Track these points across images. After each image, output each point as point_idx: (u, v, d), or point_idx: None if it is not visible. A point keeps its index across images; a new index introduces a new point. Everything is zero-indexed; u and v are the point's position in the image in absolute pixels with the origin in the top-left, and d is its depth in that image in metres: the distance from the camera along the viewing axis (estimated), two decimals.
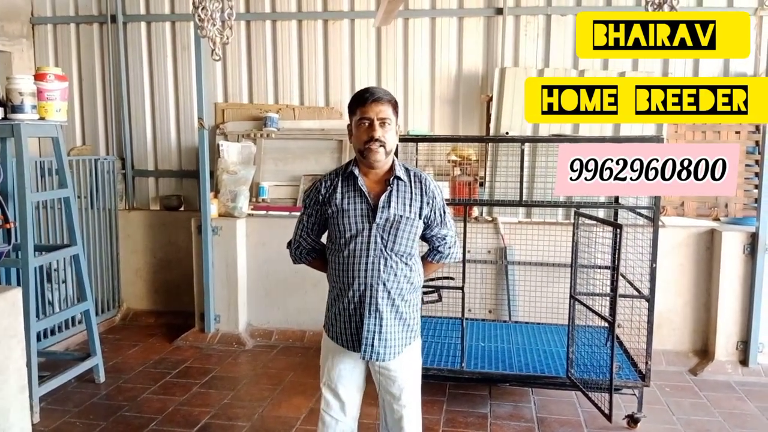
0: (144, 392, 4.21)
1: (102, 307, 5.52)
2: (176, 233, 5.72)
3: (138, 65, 5.93)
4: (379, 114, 2.32)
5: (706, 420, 3.86)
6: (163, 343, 5.21)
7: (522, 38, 5.38)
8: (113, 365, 4.66)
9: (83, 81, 6.06)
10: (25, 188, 3.75)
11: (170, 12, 5.84)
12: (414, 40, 5.54)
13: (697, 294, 4.78)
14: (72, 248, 4.21)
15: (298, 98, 5.75)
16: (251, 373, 4.58)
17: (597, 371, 3.68)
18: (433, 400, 4.03)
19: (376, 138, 2.31)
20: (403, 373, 2.48)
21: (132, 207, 6.03)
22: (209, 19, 3.17)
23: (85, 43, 6.01)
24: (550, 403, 4.06)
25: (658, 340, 4.33)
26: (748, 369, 4.53)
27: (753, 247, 4.48)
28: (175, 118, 5.97)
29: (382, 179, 2.42)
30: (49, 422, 3.76)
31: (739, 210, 4.92)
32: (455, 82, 5.52)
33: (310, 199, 2.49)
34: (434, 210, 2.47)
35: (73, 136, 6.06)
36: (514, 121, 5.04)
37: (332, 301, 2.50)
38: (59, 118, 3.92)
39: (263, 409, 3.96)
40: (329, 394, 2.53)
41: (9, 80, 3.68)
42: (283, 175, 5.53)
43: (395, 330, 2.41)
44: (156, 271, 5.87)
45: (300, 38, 5.70)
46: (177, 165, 6.01)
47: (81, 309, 4.34)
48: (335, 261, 2.43)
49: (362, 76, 5.61)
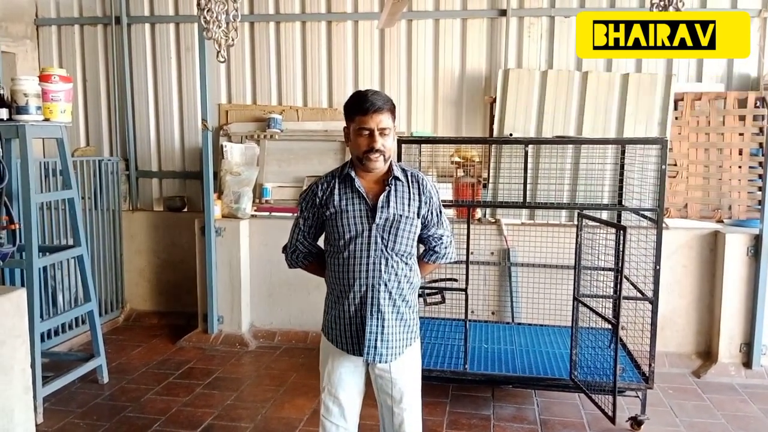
0: (147, 393, 4.22)
1: (105, 308, 5.53)
2: (179, 234, 5.73)
3: (142, 66, 5.95)
4: (379, 124, 2.31)
5: (709, 422, 3.85)
6: (166, 344, 5.21)
7: (525, 40, 5.38)
8: (117, 366, 4.67)
9: (87, 82, 6.08)
10: (29, 189, 3.76)
11: (174, 13, 5.85)
12: (417, 41, 5.54)
13: (700, 296, 4.77)
14: (76, 249, 4.22)
15: (301, 99, 5.76)
16: (254, 374, 4.58)
17: (600, 373, 3.68)
18: (436, 401, 4.03)
19: (377, 149, 2.32)
20: (404, 375, 2.47)
21: (135, 208, 6.05)
22: (215, 21, 3.17)
23: (89, 44, 6.03)
24: (553, 405, 4.06)
25: (660, 341, 4.32)
26: (752, 371, 4.51)
27: (756, 249, 4.47)
28: (178, 119, 5.98)
29: (380, 180, 2.42)
30: (53, 423, 3.76)
31: (742, 212, 4.92)
32: (458, 84, 5.53)
33: (307, 202, 2.47)
34: (431, 210, 2.47)
35: (77, 137, 6.08)
36: (517, 122, 5.04)
37: (331, 304, 2.48)
38: (64, 119, 3.93)
39: (266, 410, 3.97)
40: (329, 400, 2.50)
41: (14, 81, 3.69)
42: (286, 177, 5.53)
43: (396, 331, 2.41)
44: (159, 272, 5.88)
45: (303, 40, 5.71)
46: (180, 166, 6.02)
47: (85, 310, 4.35)
48: (335, 263, 2.42)
49: (365, 78, 5.61)
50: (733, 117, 4.93)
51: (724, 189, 4.95)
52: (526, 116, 5.06)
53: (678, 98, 4.99)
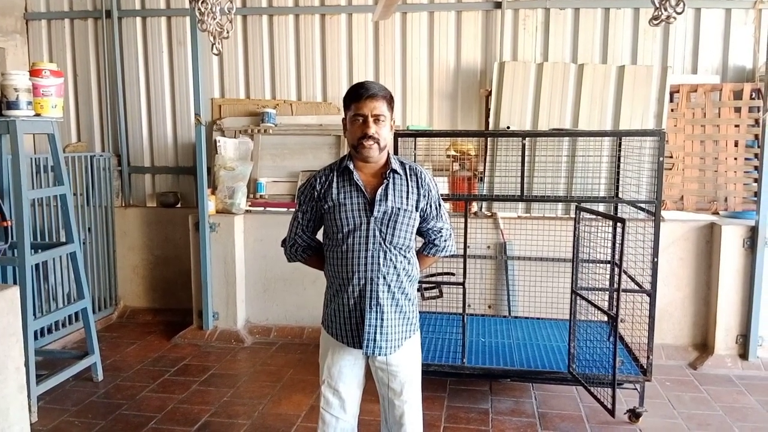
0: (143, 390, 4.18)
1: (99, 305, 5.49)
2: (173, 230, 5.68)
3: (133, 61, 5.88)
4: (373, 110, 2.30)
5: (707, 414, 3.86)
6: (161, 340, 5.17)
7: (521, 32, 5.35)
8: (111, 363, 4.63)
9: (78, 77, 6.01)
10: (21, 186, 3.71)
11: (165, 7, 5.79)
12: (412, 34, 5.51)
13: (696, 288, 4.77)
14: (69, 246, 4.17)
15: (295, 93, 5.71)
16: (251, 371, 4.55)
17: (598, 366, 3.67)
18: (434, 396, 4.01)
19: (370, 135, 2.30)
20: (404, 367, 2.46)
21: (128, 204, 6.00)
22: (209, 13, 3.13)
23: (80, 38, 5.96)
24: (551, 398, 4.05)
25: (657, 334, 4.33)
26: (748, 363, 4.53)
27: (753, 241, 4.48)
28: (171, 114, 5.93)
29: (378, 173, 2.40)
30: (47, 421, 3.72)
31: (738, 204, 4.92)
32: (454, 77, 5.50)
33: (305, 195, 2.47)
34: (430, 203, 2.46)
35: (68, 133, 6.02)
36: (513, 115, 5.02)
37: (331, 297, 2.47)
38: (55, 115, 3.87)
39: (263, 407, 3.94)
40: (329, 392, 2.50)
41: (4, 76, 3.64)
42: (280, 171, 5.49)
43: (396, 324, 2.40)
44: (153, 268, 5.84)
45: (297, 33, 5.66)
46: (173, 161, 5.97)
47: (78, 307, 4.30)
48: (333, 256, 2.41)
49: (360, 71, 5.57)
50: (729, 108, 4.92)
51: (720, 181, 4.95)
52: (522, 109, 5.04)
53: (674, 90, 4.98)
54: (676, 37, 5.20)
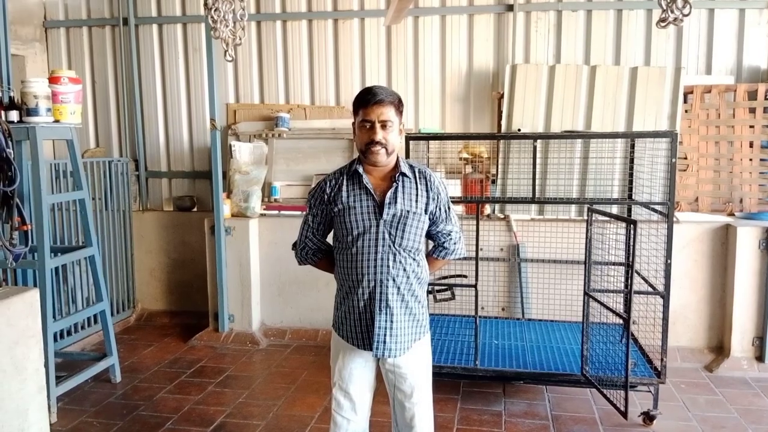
0: (160, 392, 4.24)
1: (117, 308, 5.57)
2: (189, 234, 5.75)
3: (150, 67, 5.98)
4: (380, 116, 2.32)
5: (722, 417, 3.83)
6: (177, 342, 5.24)
7: (533, 34, 5.36)
8: (129, 365, 4.71)
9: (96, 83, 6.12)
10: (41, 190, 3.79)
11: (181, 14, 5.87)
12: (424, 38, 5.54)
13: (712, 290, 4.74)
14: (87, 249, 4.25)
15: (308, 98, 5.76)
16: (265, 372, 4.60)
17: (612, 368, 3.66)
18: (446, 398, 4.03)
19: (377, 141, 2.33)
20: (414, 370, 2.47)
21: (145, 208, 6.08)
22: (222, 20, 3.18)
23: (98, 45, 6.06)
24: (564, 401, 4.05)
25: (672, 336, 4.31)
26: (764, 365, 4.48)
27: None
28: (187, 119, 6.01)
29: (387, 176, 2.42)
30: (67, 422, 3.80)
31: (753, 205, 4.88)
32: (466, 80, 5.51)
33: (315, 198, 2.49)
34: (439, 206, 2.47)
35: (86, 139, 6.12)
36: (525, 117, 5.02)
37: (341, 299, 2.50)
38: (73, 121, 3.95)
39: (278, 408, 3.98)
40: (340, 395, 2.52)
41: (24, 83, 3.72)
42: (294, 175, 5.54)
43: (405, 326, 2.42)
44: (170, 271, 5.91)
45: (310, 38, 5.72)
46: (189, 166, 6.05)
47: (97, 310, 4.38)
48: (343, 259, 2.43)
49: (373, 75, 5.61)
50: (743, 109, 4.89)
51: (734, 182, 4.91)
52: (535, 111, 5.04)
53: (687, 91, 4.95)
54: (690, 37, 5.18)
